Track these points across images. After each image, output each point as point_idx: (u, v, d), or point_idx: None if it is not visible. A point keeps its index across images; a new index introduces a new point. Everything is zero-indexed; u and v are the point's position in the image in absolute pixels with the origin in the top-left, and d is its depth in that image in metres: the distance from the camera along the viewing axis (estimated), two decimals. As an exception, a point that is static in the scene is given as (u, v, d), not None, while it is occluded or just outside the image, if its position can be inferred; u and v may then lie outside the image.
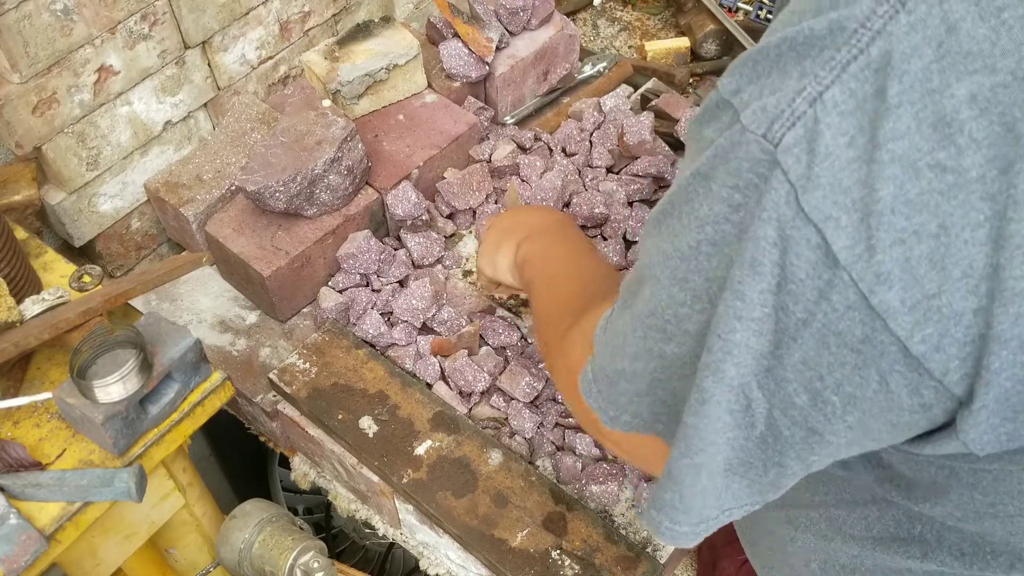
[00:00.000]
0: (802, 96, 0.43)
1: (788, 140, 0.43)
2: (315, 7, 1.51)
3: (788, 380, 0.47)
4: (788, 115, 0.43)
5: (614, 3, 1.93)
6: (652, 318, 0.54)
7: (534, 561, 1.05)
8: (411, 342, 1.28)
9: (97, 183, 1.34)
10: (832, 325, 0.44)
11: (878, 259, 0.41)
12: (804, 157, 0.42)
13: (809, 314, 0.44)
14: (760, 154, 0.44)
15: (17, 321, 1.05)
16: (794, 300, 0.44)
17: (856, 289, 0.42)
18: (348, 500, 1.31)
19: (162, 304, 1.38)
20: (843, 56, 0.42)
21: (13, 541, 0.92)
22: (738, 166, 0.45)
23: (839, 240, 0.42)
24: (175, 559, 1.32)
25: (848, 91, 0.42)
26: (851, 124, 0.41)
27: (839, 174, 0.42)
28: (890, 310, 0.42)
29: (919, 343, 0.42)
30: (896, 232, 0.41)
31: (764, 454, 0.51)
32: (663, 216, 0.54)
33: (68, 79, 1.22)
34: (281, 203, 1.27)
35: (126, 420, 0.99)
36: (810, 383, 0.46)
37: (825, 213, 0.42)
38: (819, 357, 0.45)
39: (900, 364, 0.43)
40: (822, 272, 0.43)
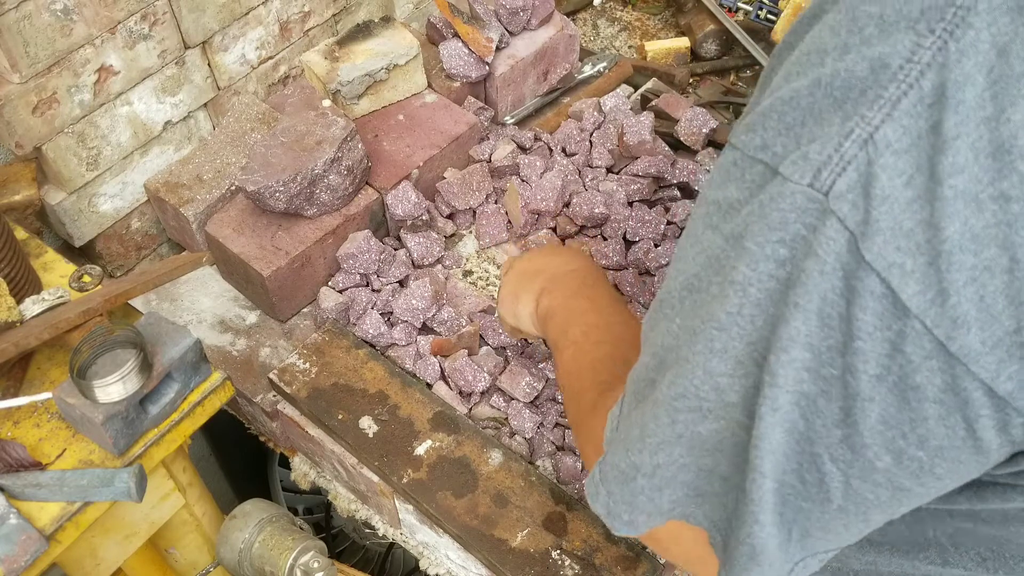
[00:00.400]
0: (850, 139, 0.41)
1: (840, 186, 0.41)
2: (315, 7, 1.51)
3: (866, 446, 0.44)
4: (837, 160, 0.41)
5: (614, 3, 1.93)
6: (682, 400, 0.50)
7: (534, 561, 1.05)
8: (411, 342, 1.28)
9: (97, 183, 1.34)
10: (909, 379, 0.42)
11: (952, 302, 0.40)
12: (860, 202, 0.40)
13: (884, 369, 0.42)
14: (807, 204, 0.42)
15: (17, 321, 1.05)
16: (864, 359, 0.42)
17: (932, 337, 0.40)
18: (348, 500, 1.31)
19: (162, 304, 1.38)
20: (892, 93, 0.40)
21: (13, 541, 0.92)
22: (782, 219, 0.43)
23: (907, 288, 0.40)
24: (175, 559, 1.32)
25: (901, 129, 0.40)
26: (908, 163, 0.40)
27: (900, 217, 0.40)
28: (971, 353, 0.40)
29: (1005, 382, 0.40)
30: (967, 271, 0.39)
31: (844, 520, 0.49)
32: (687, 292, 0.50)
33: (68, 79, 1.22)
34: (281, 203, 1.27)
35: (126, 420, 0.99)
36: (892, 443, 0.44)
37: (888, 260, 0.40)
38: (899, 415, 0.43)
39: (987, 408, 0.41)
40: (891, 323, 0.41)
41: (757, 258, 0.44)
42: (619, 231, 1.37)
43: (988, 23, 0.39)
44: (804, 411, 0.45)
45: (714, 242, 0.48)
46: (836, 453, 0.45)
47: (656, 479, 0.54)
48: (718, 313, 0.47)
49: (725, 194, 0.47)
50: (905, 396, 0.42)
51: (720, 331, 0.47)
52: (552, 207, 1.38)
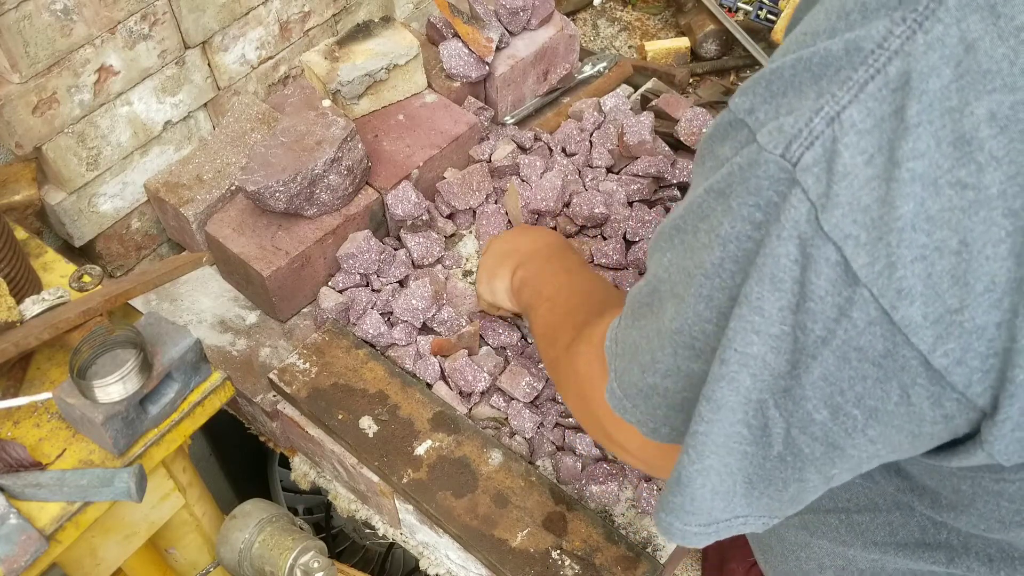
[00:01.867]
0: (820, 116, 0.43)
1: (807, 159, 0.43)
2: (315, 7, 1.51)
3: (807, 398, 0.47)
4: (806, 135, 0.43)
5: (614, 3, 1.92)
6: (680, 336, 0.54)
7: (534, 561, 1.05)
8: (411, 342, 1.28)
9: (97, 183, 1.34)
10: (853, 341, 0.44)
11: (899, 275, 0.42)
12: (823, 176, 0.43)
13: (829, 332, 0.45)
14: (779, 173, 0.45)
15: (17, 321, 1.05)
16: (813, 318, 0.45)
17: (877, 305, 0.43)
18: (348, 500, 1.31)
19: (162, 304, 1.38)
20: (860, 76, 0.42)
21: (13, 541, 0.92)
22: (757, 185, 0.46)
23: (859, 258, 0.42)
24: (175, 559, 1.32)
25: (866, 110, 0.42)
26: (869, 143, 0.42)
27: (858, 193, 0.42)
28: (912, 325, 0.42)
29: (941, 357, 0.42)
30: (918, 248, 0.41)
31: (783, 472, 0.52)
32: (676, 231, 0.54)
33: (68, 79, 1.22)
34: (281, 203, 1.27)
35: (126, 420, 0.99)
36: (831, 398, 0.47)
37: (845, 231, 0.42)
38: (840, 373, 0.45)
39: (922, 378, 0.44)
40: (842, 289, 0.43)
41: (736, 217, 0.48)
42: (619, 231, 1.37)
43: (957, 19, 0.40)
44: (752, 368, 0.48)
45: (699, 190, 0.52)
46: (779, 401, 0.49)
47: (670, 399, 0.58)
48: (706, 263, 0.50)
49: (716, 149, 0.51)
50: (847, 357, 0.45)
51: (707, 279, 0.51)
52: (552, 207, 1.38)
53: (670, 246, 0.55)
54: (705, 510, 0.56)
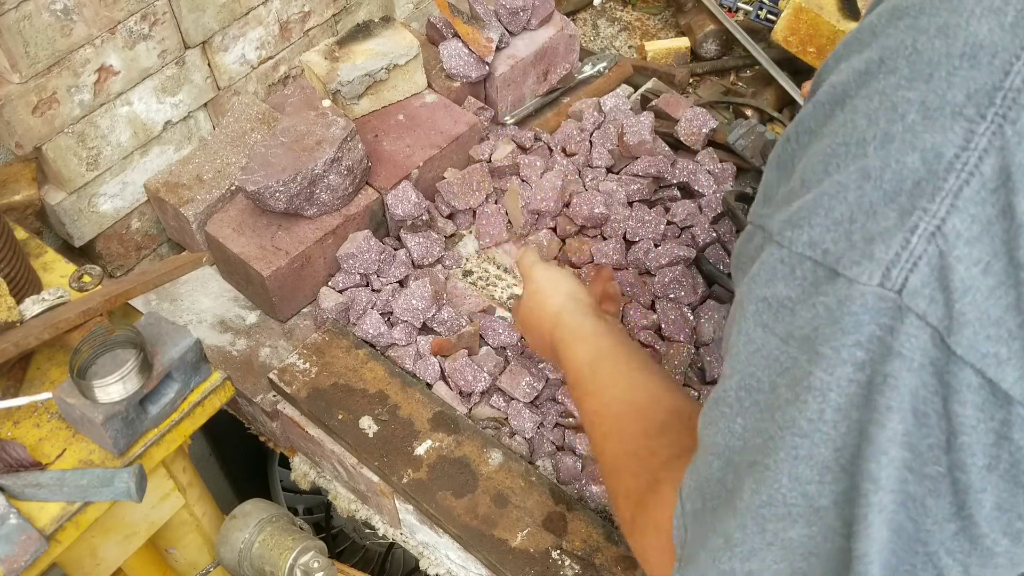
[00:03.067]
0: (917, 234, 0.40)
1: (914, 283, 0.40)
2: (315, 7, 1.51)
3: (984, 535, 0.44)
4: (906, 257, 0.41)
5: (614, 3, 1.92)
6: (769, 508, 0.49)
7: (534, 561, 1.05)
8: (411, 342, 1.28)
9: (97, 183, 1.34)
10: (1021, 464, 0.42)
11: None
12: (939, 296, 0.40)
13: (992, 459, 0.42)
14: (879, 303, 0.41)
15: (17, 321, 1.04)
16: (971, 452, 0.42)
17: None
18: (348, 500, 1.31)
19: (162, 304, 1.38)
20: (952, 184, 0.40)
21: (13, 541, 0.92)
22: (855, 322, 0.42)
23: (1007, 376, 0.40)
24: (175, 559, 1.32)
25: (969, 217, 0.40)
26: (982, 251, 0.40)
27: (984, 305, 0.40)
28: None
29: None
30: None
31: None
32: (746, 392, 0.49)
33: (68, 79, 1.22)
34: (281, 203, 1.27)
35: (126, 420, 0.99)
36: (1009, 526, 0.44)
37: (981, 351, 0.40)
38: (1013, 499, 0.43)
39: None
40: (994, 413, 0.41)
41: (834, 363, 0.43)
42: (619, 231, 1.37)
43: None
44: (911, 511, 0.44)
45: (769, 342, 0.47)
46: (952, 546, 0.45)
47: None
48: (798, 420, 0.46)
49: (774, 292, 0.47)
50: (1018, 480, 0.42)
51: (803, 438, 0.46)
52: (552, 207, 1.38)
53: (739, 411, 0.50)
54: None
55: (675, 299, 1.28)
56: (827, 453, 0.46)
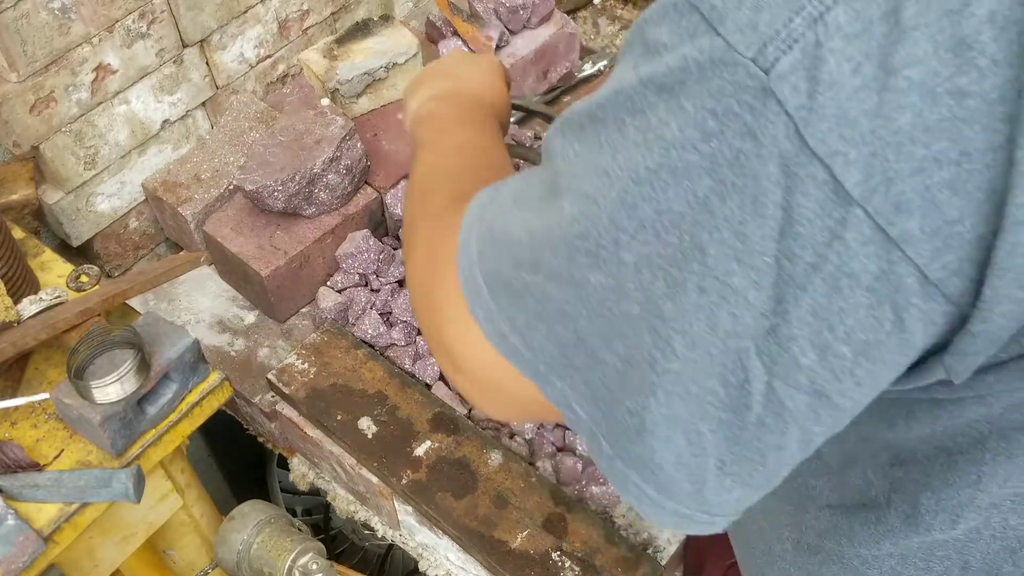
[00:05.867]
0: (801, 15, 0.39)
1: (783, 66, 0.39)
2: (314, 6, 1.51)
3: (794, 338, 0.43)
4: (784, 36, 0.39)
5: (614, 1, 1.92)
6: (583, 241, 0.47)
7: (534, 563, 1.05)
8: (410, 342, 1.28)
9: (95, 182, 1.34)
10: (845, 266, 0.41)
11: (897, 189, 0.39)
12: (804, 86, 0.39)
13: (819, 258, 0.41)
14: (747, 79, 0.40)
15: (14, 321, 1.04)
16: (801, 244, 0.41)
17: (872, 223, 0.40)
18: (347, 501, 1.30)
19: (160, 304, 1.37)
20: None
21: (11, 542, 0.92)
22: (720, 88, 0.41)
23: (851, 175, 0.39)
24: (173, 560, 1.31)
25: (854, 12, 0.39)
26: (857, 50, 0.39)
27: (845, 104, 0.39)
28: (910, 239, 0.40)
29: (939, 270, 0.41)
30: (916, 161, 0.39)
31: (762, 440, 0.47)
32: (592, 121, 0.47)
33: (66, 78, 1.22)
34: (280, 202, 1.27)
35: (124, 421, 0.99)
36: (819, 336, 0.43)
37: (832, 147, 0.39)
38: (830, 304, 0.42)
39: (917, 296, 0.41)
40: (832, 211, 0.40)
41: (688, 122, 0.42)
42: (619, 231, 1.37)
43: None
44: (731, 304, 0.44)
45: (627, 78, 0.46)
46: (762, 346, 0.44)
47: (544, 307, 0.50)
48: (638, 165, 0.44)
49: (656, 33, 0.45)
50: (838, 285, 0.42)
51: (636, 185, 0.44)
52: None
53: (580, 137, 0.48)
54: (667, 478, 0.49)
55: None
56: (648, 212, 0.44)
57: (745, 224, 0.42)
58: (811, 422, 0.46)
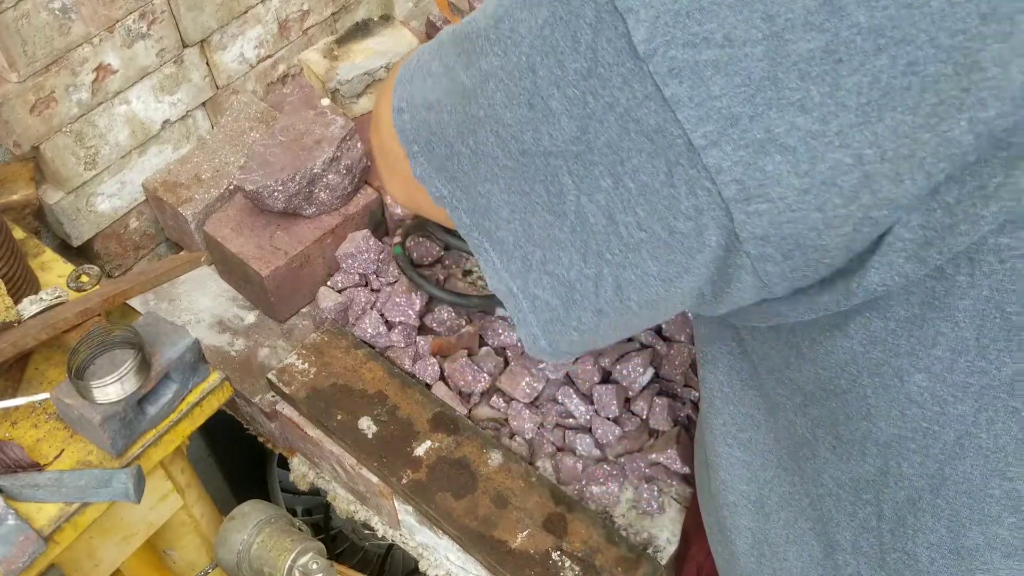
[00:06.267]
0: None
1: None
2: (314, 6, 1.51)
3: (595, 163, 0.48)
4: None
5: (614, 2, 1.93)
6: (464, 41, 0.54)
7: (534, 562, 1.05)
8: (410, 343, 1.28)
9: (95, 182, 1.34)
10: (632, 112, 0.45)
11: (672, 55, 0.43)
12: None
13: (614, 98, 0.45)
14: None
15: (15, 321, 1.04)
16: (603, 83, 0.45)
17: (652, 80, 0.44)
18: (347, 501, 1.30)
19: (160, 304, 1.38)
20: None
21: (11, 542, 0.92)
22: None
23: (638, 32, 0.43)
24: (173, 560, 1.31)
25: None
26: None
27: None
28: (680, 102, 0.43)
29: (700, 137, 0.44)
30: (689, 35, 0.42)
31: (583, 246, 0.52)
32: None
33: (66, 78, 1.22)
34: (280, 202, 1.27)
35: (124, 420, 0.99)
36: (613, 166, 0.47)
37: (629, 5, 0.43)
38: (621, 141, 0.46)
39: (684, 157, 0.45)
40: (625, 60, 0.44)
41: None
42: (619, 231, 1.37)
43: None
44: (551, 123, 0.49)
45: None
46: (572, 166, 0.49)
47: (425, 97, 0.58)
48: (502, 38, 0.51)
49: None
50: (627, 127, 0.46)
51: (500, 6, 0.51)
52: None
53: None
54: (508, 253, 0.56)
55: (675, 299, 1.27)
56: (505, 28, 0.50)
57: (565, 55, 0.47)
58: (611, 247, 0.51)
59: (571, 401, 1.18)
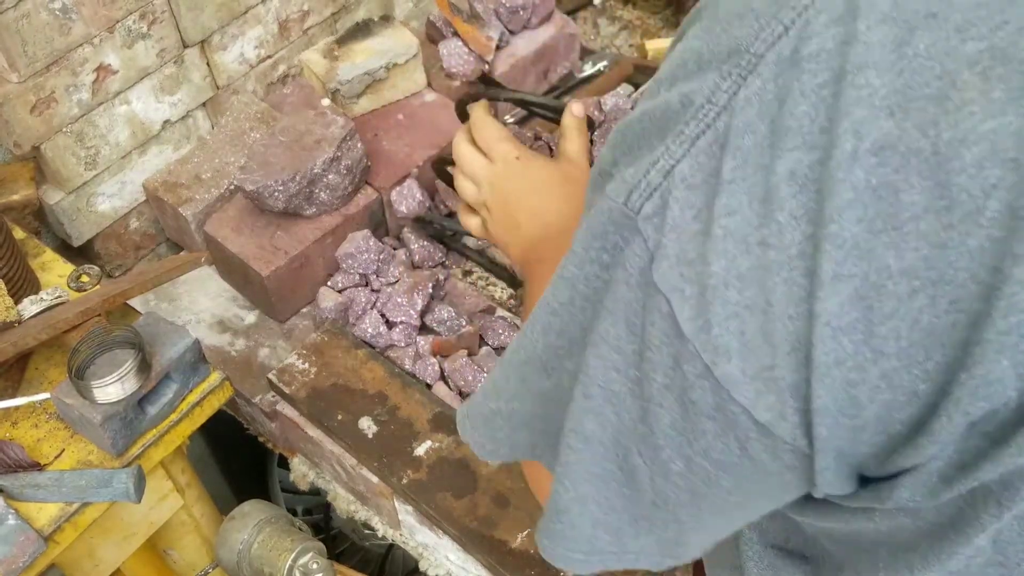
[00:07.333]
0: (655, 168, 0.44)
1: (647, 210, 0.44)
2: (314, 6, 1.51)
3: (661, 447, 0.47)
4: (644, 186, 0.44)
5: (614, 2, 1.92)
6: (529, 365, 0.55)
7: (534, 562, 1.05)
8: (411, 343, 1.28)
9: (95, 183, 1.34)
10: (688, 393, 0.45)
11: (715, 332, 0.42)
12: (658, 225, 0.44)
13: (669, 380, 0.45)
14: (623, 219, 0.45)
15: (15, 321, 1.04)
16: (654, 367, 0.45)
17: (701, 360, 0.43)
18: (347, 501, 1.30)
19: (161, 304, 1.38)
20: (691, 131, 0.43)
21: (11, 542, 0.92)
22: (603, 230, 0.47)
23: (683, 312, 0.43)
24: (174, 560, 1.31)
25: (696, 165, 0.42)
26: (697, 198, 0.42)
27: (685, 246, 0.43)
28: (733, 381, 0.43)
29: (764, 411, 0.43)
30: (731, 306, 0.42)
31: (657, 514, 0.51)
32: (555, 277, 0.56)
33: (66, 78, 1.22)
34: (280, 203, 1.27)
35: (124, 420, 0.99)
36: (681, 449, 0.47)
37: (671, 284, 0.43)
38: (684, 424, 0.46)
39: (753, 432, 0.44)
40: (673, 341, 0.44)
41: (583, 260, 0.48)
42: (619, 231, 1.37)
43: (775, 74, 0.40)
44: (616, 406, 0.49)
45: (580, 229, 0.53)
46: (641, 449, 0.49)
47: (513, 421, 0.60)
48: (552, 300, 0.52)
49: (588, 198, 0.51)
50: (686, 408, 0.45)
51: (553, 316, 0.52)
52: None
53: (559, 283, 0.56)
54: (586, 538, 0.56)
55: (676, 299, 1.27)
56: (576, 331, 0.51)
57: (620, 340, 0.47)
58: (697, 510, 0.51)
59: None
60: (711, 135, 0.42)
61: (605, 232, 0.47)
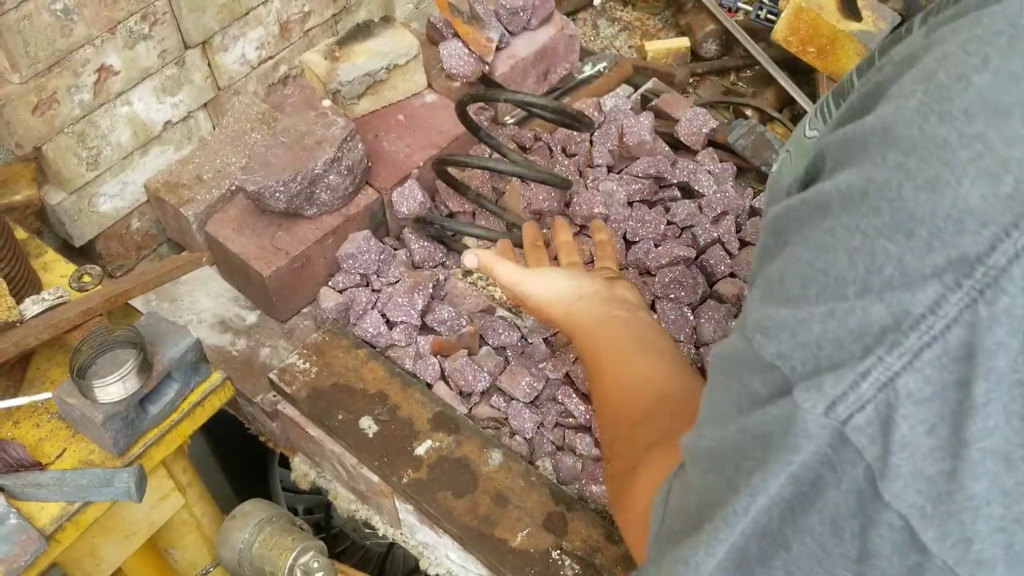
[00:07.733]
0: (868, 380, 0.42)
1: (859, 421, 0.42)
2: (315, 7, 1.51)
3: None
4: (854, 399, 0.42)
5: (614, 3, 1.92)
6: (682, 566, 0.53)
7: (534, 561, 1.05)
8: (411, 343, 1.28)
9: (97, 183, 1.34)
10: None
11: (977, 548, 0.41)
12: (880, 441, 0.42)
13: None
14: (819, 429, 0.43)
15: (17, 321, 1.04)
16: (881, 573, 0.44)
17: (953, 573, 0.42)
18: (348, 500, 1.31)
19: (162, 304, 1.38)
20: (912, 343, 0.41)
21: (13, 541, 0.92)
22: (795, 444, 0.45)
23: (928, 530, 0.42)
24: (175, 559, 1.32)
25: (924, 379, 0.41)
26: (931, 413, 0.41)
27: (921, 464, 0.41)
28: None
29: None
30: (996, 521, 0.41)
31: None
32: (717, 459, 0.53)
33: (68, 79, 1.22)
34: (281, 203, 1.27)
35: (126, 420, 0.99)
36: None
37: (908, 501, 0.42)
38: None
39: None
40: (910, 554, 0.42)
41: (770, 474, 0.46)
42: (619, 231, 1.37)
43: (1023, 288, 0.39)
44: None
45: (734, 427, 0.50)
46: None
47: None
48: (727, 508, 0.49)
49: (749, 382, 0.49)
50: None
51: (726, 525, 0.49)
52: (552, 207, 1.37)
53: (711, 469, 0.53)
54: None
55: (675, 299, 1.28)
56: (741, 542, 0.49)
57: (825, 538, 0.45)
58: None
59: (571, 401, 1.19)
60: (939, 348, 0.40)
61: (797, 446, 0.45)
